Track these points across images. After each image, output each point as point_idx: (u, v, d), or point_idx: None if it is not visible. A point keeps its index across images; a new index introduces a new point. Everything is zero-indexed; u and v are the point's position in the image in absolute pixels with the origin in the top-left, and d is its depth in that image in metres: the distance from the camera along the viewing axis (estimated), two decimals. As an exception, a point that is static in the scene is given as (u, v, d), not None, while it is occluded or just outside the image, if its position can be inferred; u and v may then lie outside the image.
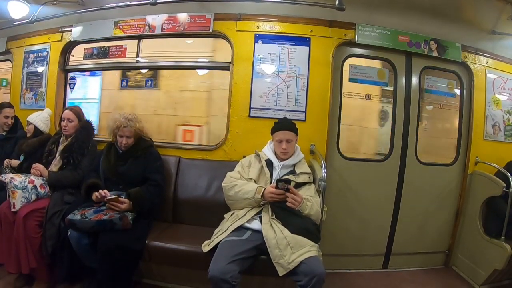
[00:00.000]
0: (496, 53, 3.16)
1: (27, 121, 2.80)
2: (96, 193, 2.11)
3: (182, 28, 2.83)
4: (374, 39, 2.79)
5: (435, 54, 2.92)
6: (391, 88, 2.98)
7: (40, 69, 3.33)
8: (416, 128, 2.95)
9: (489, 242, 2.66)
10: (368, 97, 3.08)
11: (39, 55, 3.35)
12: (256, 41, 2.74)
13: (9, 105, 2.93)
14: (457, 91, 3.14)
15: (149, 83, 3.80)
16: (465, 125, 3.06)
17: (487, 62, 3.11)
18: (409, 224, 2.97)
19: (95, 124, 2.74)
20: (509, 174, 2.57)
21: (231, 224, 2.00)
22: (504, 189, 2.55)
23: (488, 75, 3.11)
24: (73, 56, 3.33)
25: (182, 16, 2.83)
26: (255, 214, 2.02)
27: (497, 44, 3.14)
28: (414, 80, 2.96)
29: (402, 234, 2.97)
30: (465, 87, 3.08)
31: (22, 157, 2.62)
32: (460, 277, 2.91)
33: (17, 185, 2.19)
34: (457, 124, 3.12)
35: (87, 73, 3.72)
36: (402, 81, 2.94)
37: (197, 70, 3.56)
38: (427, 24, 2.91)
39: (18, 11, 3.04)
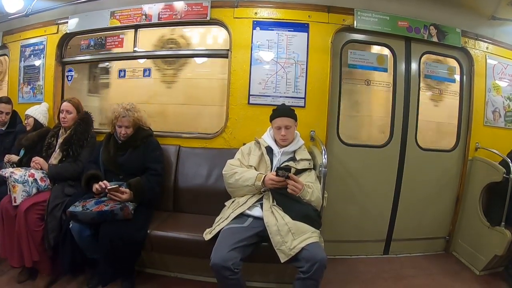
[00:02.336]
0: (496, 38, 3.13)
1: (26, 114, 2.78)
2: (96, 186, 2.10)
3: (179, 17, 2.80)
4: (373, 24, 2.76)
5: (434, 39, 2.89)
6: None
7: (37, 62, 3.29)
8: (416, 114, 2.94)
9: (489, 228, 2.66)
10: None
11: (36, 48, 3.31)
12: (254, 28, 2.71)
13: (7, 100, 2.89)
14: (457, 77, 3.12)
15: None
16: (465, 110, 3.05)
17: (487, 48, 3.09)
18: (409, 210, 2.98)
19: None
20: (509, 160, 2.56)
21: (232, 212, 2.00)
22: (504, 175, 2.55)
23: (488, 61, 3.09)
24: (69, 48, 3.30)
25: (179, 4, 2.80)
26: (256, 201, 2.02)
27: (497, 30, 3.12)
28: (414, 65, 2.94)
29: (403, 220, 2.98)
30: (465, 73, 3.07)
31: (22, 152, 2.60)
32: (461, 263, 2.93)
33: (18, 179, 2.18)
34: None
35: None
36: (401, 66, 2.92)
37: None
38: (426, 9, 2.88)
39: (13, 4, 3.00)
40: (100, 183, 2.10)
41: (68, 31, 3.14)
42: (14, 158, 2.58)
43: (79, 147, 2.45)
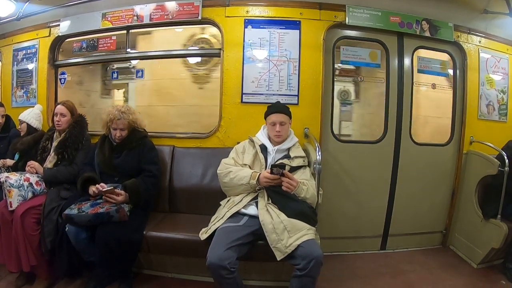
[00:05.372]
0: (488, 32, 3.14)
1: (19, 120, 2.76)
2: (94, 188, 2.10)
3: (170, 17, 2.79)
4: (365, 20, 2.76)
5: (427, 34, 2.90)
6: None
7: (29, 66, 3.29)
8: (410, 108, 2.94)
9: (482, 221, 2.68)
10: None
11: (28, 52, 3.30)
12: (246, 27, 2.71)
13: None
14: (451, 71, 3.13)
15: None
16: (459, 104, 3.05)
17: (480, 42, 3.10)
18: (405, 204, 2.99)
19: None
20: (504, 153, 2.57)
21: (228, 211, 2.00)
22: (499, 168, 2.56)
23: (481, 54, 3.10)
24: (62, 51, 3.29)
25: (170, 5, 2.79)
26: (251, 200, 2.02)
27: (489, 24, 3.12)
28: (407, 60, 2.94)
29: (399, 215, 2.99)
30: (459, 67, 3.07)
31: (17, 156, 2.59)
32: (458, 257, 2.94)
33: (13, 184, 2.17)
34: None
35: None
36: (394, 62, 2.92)
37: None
38: (418, 4, 2.88)
39: (4, 9, 2.96)
40: (98, 185, 2.09)
41: (60, 34, 3.13)
42: (9, 162, 2.57)
43: (74, 150, 2.44)
